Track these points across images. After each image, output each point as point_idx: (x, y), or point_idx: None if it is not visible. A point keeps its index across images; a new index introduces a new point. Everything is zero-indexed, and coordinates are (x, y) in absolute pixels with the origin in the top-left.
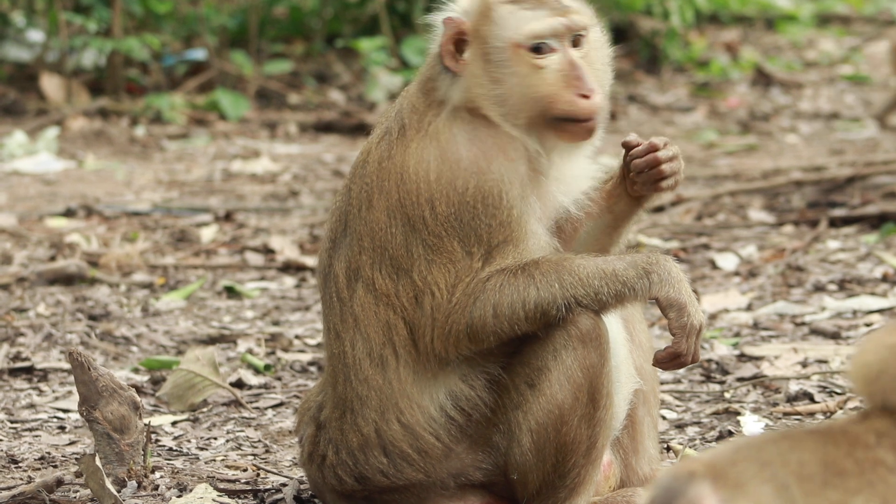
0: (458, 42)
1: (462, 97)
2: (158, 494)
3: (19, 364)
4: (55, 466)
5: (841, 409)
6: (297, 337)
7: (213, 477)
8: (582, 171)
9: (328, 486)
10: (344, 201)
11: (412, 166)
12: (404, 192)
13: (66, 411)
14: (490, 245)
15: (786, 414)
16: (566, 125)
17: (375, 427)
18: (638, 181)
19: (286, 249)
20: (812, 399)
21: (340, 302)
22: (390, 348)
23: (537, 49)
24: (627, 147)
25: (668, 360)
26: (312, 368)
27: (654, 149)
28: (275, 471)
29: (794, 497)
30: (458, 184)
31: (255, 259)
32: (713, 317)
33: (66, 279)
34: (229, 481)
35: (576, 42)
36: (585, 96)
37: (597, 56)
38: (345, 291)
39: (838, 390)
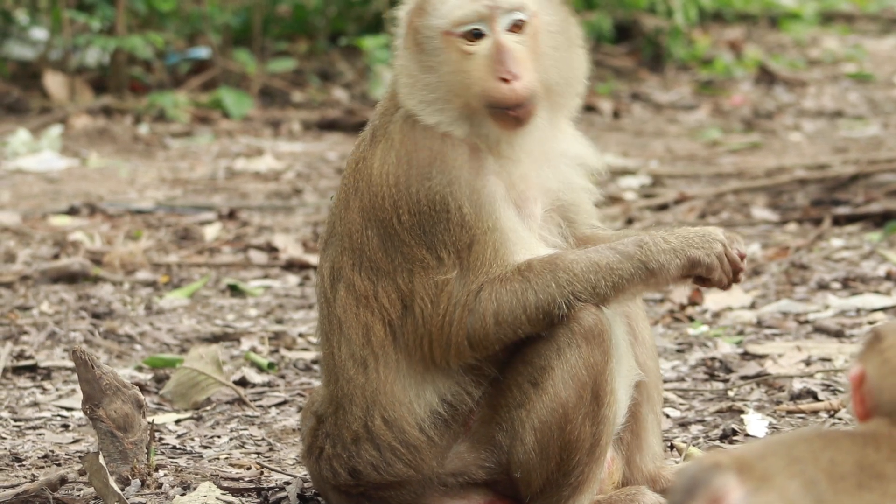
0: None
1: (404, 90)
2: (162, 493)
3: (23, 362)
4: (59, 465)
5: (844, 407)
6: (300, 335)
7: (217, 475)
8: (569, 149)
9: (325, 480)
10: (333, 204)
11: (376, 170)
12: (373, 195)
13: (69, 409)
14: (458, 248)
15: (789, 412)
16: (496, 113)
17: (363, 423)
18: None
19: (289, 247)
20: (815, 397)
21: (326, 303)
22: (369, 349)
23: (467, 35)
24: None
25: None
26: (316, 366)
27: None
28: (278, 469)
29: (822, 494)
30: (412, 191)
31: (258, 257)
32: (717, 315)
33: (70, 277)
34: (233, 479)
35: (516, 27)
36: (506, 80)
37: (545, 40)
38: (329, 293)
39: (842, 388)
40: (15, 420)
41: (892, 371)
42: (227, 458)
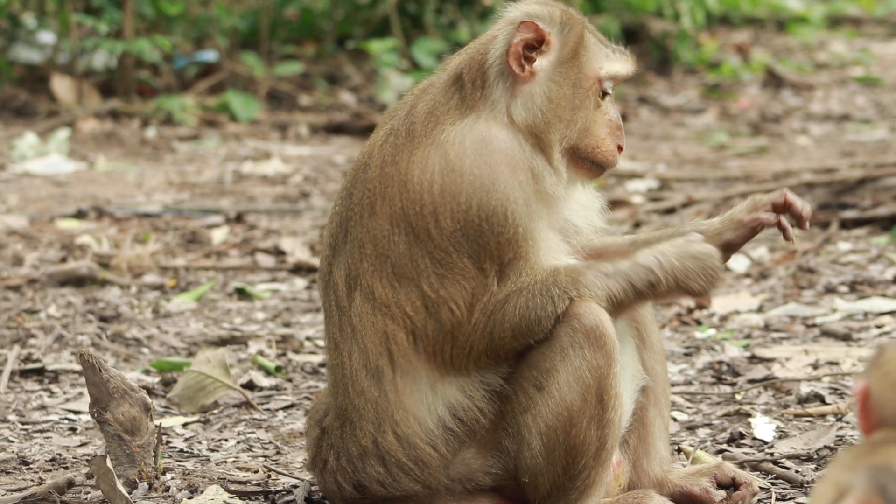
0: (529, 49)
1: (519, 106)
2: (169, 496)
3: (30, 365)
4: (66, 468)
5: (852, 411)
6: (307, 338)
7: (224, 478)
8: (588, 199)
9: (329, 492)
10: (344, 206)
11: (416, 175)
12: (407, 200)
13: (77, 413)
14: (502, 262)
15: (797, 416)
16: (590, 165)
17: (373, 439)
18: None
19: (297, 251)
20: (823, 401)
21: (339, 311)
22: (386, 358)
23: (606, 89)
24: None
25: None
26: (323, 370)
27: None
28: (286, 472)
29: None
30: (462, 199)
31: (265, 261)
32: (724, 318)
33: (77, 281)
34: (240, 483)
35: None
36: (621, 149)
37: None
38: (344, 300)
39: (849, 392)
40: (22, 423)
41: (893, 384)
42: (234, 462)
